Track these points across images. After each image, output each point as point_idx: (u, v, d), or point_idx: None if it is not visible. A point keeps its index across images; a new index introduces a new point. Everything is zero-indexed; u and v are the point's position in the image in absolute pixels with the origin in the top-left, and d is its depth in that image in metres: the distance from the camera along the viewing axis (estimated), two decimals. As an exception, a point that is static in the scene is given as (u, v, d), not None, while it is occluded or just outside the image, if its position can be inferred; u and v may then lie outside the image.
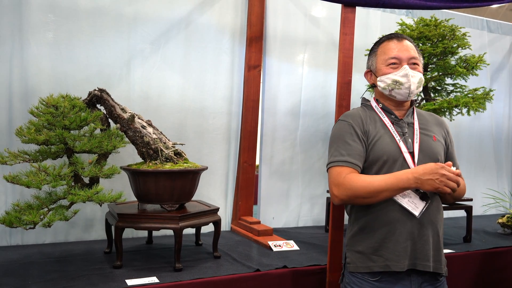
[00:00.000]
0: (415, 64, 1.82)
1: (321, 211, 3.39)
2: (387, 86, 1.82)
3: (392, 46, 1.84)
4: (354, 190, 1.67)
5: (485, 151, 4.11)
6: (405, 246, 1.69)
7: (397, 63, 1.82)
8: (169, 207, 2.22)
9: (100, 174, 2.04)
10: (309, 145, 3.35)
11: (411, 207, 1.71)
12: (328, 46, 3.37)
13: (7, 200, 2.46)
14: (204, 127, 2.99)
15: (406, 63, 1.81)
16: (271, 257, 2.38)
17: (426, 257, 1.70)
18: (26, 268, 2.09)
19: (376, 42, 1.95)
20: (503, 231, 3.21)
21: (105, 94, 2.26)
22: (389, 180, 1.66)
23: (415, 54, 1.83)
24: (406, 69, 1.79)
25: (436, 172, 1.60)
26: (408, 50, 1.82)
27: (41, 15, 2.52)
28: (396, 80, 1.80)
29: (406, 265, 1.69)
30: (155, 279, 1.95)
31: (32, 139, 1.97)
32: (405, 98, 1.83)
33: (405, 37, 1.87)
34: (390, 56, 1.83)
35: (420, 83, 1.83)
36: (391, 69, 1.82)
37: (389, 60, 1.83)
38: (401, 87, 1.80)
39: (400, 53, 1.81)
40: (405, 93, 1.80)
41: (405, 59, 1.81)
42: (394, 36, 1.87)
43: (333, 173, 1.74)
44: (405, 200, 1.71)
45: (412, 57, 1.82)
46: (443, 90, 3.06)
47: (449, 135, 1.92)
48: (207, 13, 2.97)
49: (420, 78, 1.82)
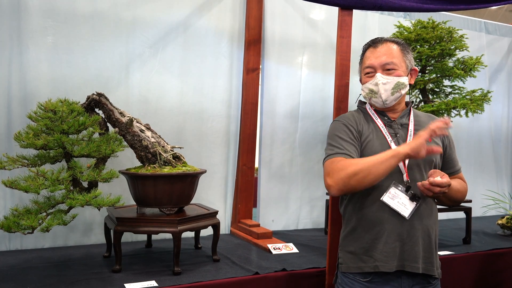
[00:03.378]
0: (389, 69, 1.79)
1: (321, 213, 3.38)
2: (366, 95, 1.85)
3: (368, 54, 1.85)
4: (346, 170, 1.63)
5: (484, 153, 4.11)
6: (394, 247, 1.70)
7: (372, 72, 1.82)
8: (168, 211, 2.22)
9: (99, 178, 2.04)
10: (308, 148, 3.35)
11: (401, 208, 1.71)
12: (326, 48, 3.38)
13: (6, 205, 2.46)
14: (203, 130, 2.99)
15: (380, 70, 1.79)
16: (270, 260, 2.38)
17: (415, 258, 1.71)
18: (25, 272, 2.09)
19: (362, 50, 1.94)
20: (503, 232, 3.21)
21: (103, 98, 2.26)
22: (380, 154, 1.65)
23: (389, 58, 1.78)
24: (376, 78, 1.79)
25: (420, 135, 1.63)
26: (381, 56, 1.79)
27: (40, 20, 2.53)
28: (371, 89, 1.81)
29: (394, 266, 1.70)
30: (154, 283, 1.95)
31: (31, 143, 1.97)
32: (382, 106, 1.83)
33: (383, 41, 1.83)
34: (365, 65, 1.84)
35: (398, 87, 1.78)
36: (367, 77, 1.83)
37: (365, 70, 1.84)
38: (376, 95, 1.81)
39: (373, 60, 1.81)
40: (379, 101, 1.81)
41: (378, 66, 1.80)
42: (372, 43, 1.86)
43: (326, 165, 1.74)
44: (395, 201, 1.72)
45: (385, 62, 1.78)
46: (441, 92, 3.07)
47: (447, 137, 1.90)
48: (205, 17, 2.98)
49: (395, 83, 1.78)
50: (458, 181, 1.86)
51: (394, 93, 1.79)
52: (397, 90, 1.79)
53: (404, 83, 1.80)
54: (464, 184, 1.90)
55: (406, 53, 1.84)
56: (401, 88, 1.80)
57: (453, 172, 1.90)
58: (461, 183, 1.88)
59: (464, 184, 1.90)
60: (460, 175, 1.93)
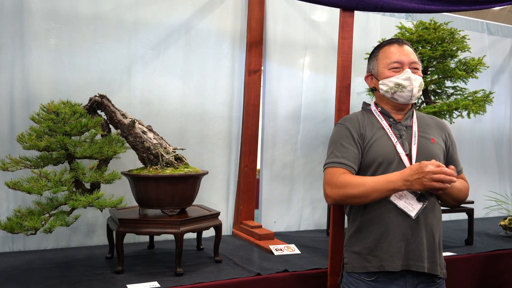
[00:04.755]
0: (416, 68, 1.86)
1: (323, 214, 3.38)
2: (389, 89, 1.85)
3: (393, 50, 1.88)
4: (346, 190, 1.72)
5: (487, 154, 4.10)
6: (399, 247, 1.72)
7: (399, 67, 1.85)
8: (170, 212, 2.22)
9: (101, 179, 2.04)
10: (310, 149, 3.35)
11: (408, 208, 1.73)
12: (328, 50, 3.38)
13: (9, 206, 2.47)
14: (204, 132, 3.00)
15: (408, 66, 1.85)
16: (272, 261, 2.38)
17: (420, 258, 1.72)
18: (28, 274, 2.09)
19: (376, 46, 1.98)
20: (505, 233, 3.20)
21: (105, 100, 2.27)
22: (379, 181, 1.70)
23: (415, 58, 1.88)
24: (409, 73, 1.83)
25: (421, 171, 1.62)
26: (409, 55, 1.87)
27: (42, 22, 2.54)
28: (399, 83, 1.83)
29: (400, 265, 1.71)
30: (156, 284, 1.95)
31: (33, 145, 1.98)
32: (407, 101, 1.86)
33: (405, 42, 1.92)
34: (392, 60, 1.86)
35: (421, 86, 1.87)
36: (393, 72, 1.86)
37: (392, 64, 1.86)
38: (403, 90, 1.83)
39: (402, 57, 1.86)
40: (407, 96, 1.84)
41: (407, 63, 1.85)
42: (395, 40, 1.92)
43: (327, 173, 1.81)
44: (402, 201, 1.73)
45: (414, 61, 1.86)
46: (443, 93, 3.06)
47: (450, 138, 1.93)
48: (207, 19, 2.98)
49: (420, 82, 1.86)
50: (460, 181, 1.88)
51: (419, 91, 1.86)
52: (420, 89, 1.87)
53: (423, 84, 1.91)
54: (466, 184, 1.92)
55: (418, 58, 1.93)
56: (422, 88, 1.88)
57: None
58: (463, 183, 1.90)
59: (466, 184, 1.92)
60: (462, 176, 1.95)
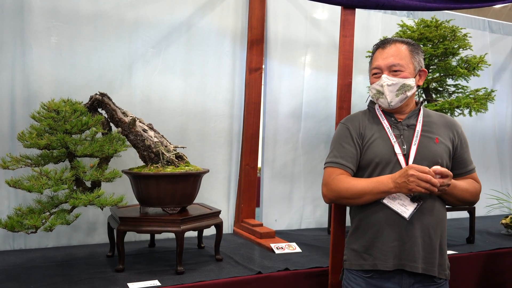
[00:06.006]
0: (396, 71, 1.78)
1: (324, 213, 3.38)
2: (374, 95, 1.86)
3: (376, 55, 1.85)
4: (339, 191, 1.78)
5: (488, 152, 4.09)
6: (393, 247, 1.72)
7: (379, 73, 1.82)
8: (170, 210, 2.22)
9: (102, 178, 2.04)
10: (311, 147, 3.35)
11: (401, 210, 1.73)
12: (329, 48, 3.37)
13: (10, 205, 2.48)
14: (205, 130, 2.99)
15: (386, 71, 1.80)
16: (273, 259, 2.37)
17: (414, 258, 1.71)
18: (28, 272, 2.10)
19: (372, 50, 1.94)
20: (507, 232, 3.19)
21: (106, 98, 2.27)
22: (371, 184, 1.72)
23: (396, 60, 1.78)
24: (382, 79, 1.79)
25: (406, 174, 1.62)
26: (388, 58, 1.79)
27: (43, 21, 2.54)
28: (378, 89, 1.82)
29: (392, 265, 1.72)
30: (157, 282, 1.95)
31: (34, 143, 1.98)
32: (387, 107, 1.83)
33: (392, 41, 1.83)
34: (373, 65, 1.86)
35: (403, 89, 1.78)
36: (374, 78, 1.85)
37: (373, 70, 1.86)
38: (382, 96, 1.81)
39: (381, 61, 1.81)
40: (385, 102, 1.81)
41: (385, 67, 1.80)
42: (381, 43, 1.86)
43: (325, 173, 1.85)
44: (395, 202, 1.74)
45: (391, 64, 1.78)
46: (445, 91, 3.06)
47: (459, 137, 1.85)
48: (207, 17, 2.98)
49: (401, 84, 1.77)
50: (467, 180, 1.83)
51: (399, 95, 1.78)
52: (403, 92, 1.78)
53: (410, 85, 1.78)
54: (475, 184, 1.85)
55: (415, 54, 1.82)
56: (406, 90, 1.78)
57: (464, 172, 1.86)
58: (471, 182, 1.84)
59: (475, 184, 1.85)
60: (473, 175, 1.88)
